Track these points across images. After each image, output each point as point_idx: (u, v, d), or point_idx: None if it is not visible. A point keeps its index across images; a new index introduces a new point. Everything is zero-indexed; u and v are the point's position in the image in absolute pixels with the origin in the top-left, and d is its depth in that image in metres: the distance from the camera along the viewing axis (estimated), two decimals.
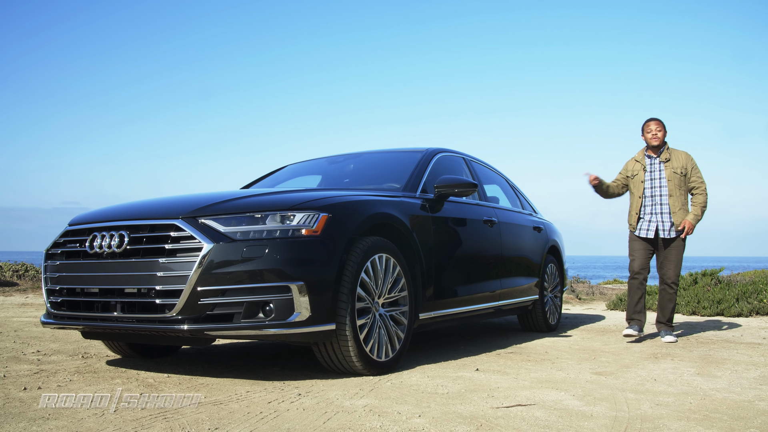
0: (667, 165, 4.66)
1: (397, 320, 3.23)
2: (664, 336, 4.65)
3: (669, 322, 4.73)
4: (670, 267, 4.64)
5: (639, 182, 4.77)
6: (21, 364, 3.29)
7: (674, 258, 4.64)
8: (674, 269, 4.64)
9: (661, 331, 4.74)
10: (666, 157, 4.70)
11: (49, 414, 2.26)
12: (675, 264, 4.64)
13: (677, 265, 4.64)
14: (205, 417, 2.22)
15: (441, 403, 2.45)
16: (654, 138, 4.71)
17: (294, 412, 2.29)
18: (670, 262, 4.64)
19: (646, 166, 4.76)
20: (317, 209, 2.90)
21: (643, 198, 4.73)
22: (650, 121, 4.78)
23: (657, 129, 4.72)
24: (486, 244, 4.33)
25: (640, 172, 4.78)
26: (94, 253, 2.91)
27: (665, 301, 4.70)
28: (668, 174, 4.65)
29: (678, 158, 4.68)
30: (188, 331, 2.65)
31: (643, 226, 4.69)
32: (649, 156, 4.77)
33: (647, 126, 4.79)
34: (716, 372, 3.28)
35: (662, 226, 4.62)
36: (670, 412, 2.38)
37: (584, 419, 2.25)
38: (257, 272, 2.68)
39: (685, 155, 4.69)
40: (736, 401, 2.59)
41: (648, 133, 4.76)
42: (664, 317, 4.73)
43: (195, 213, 2.82)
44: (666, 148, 4.73)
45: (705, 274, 8.22)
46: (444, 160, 4.31)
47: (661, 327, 4.78)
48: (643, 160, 4.80)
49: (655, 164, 4.72)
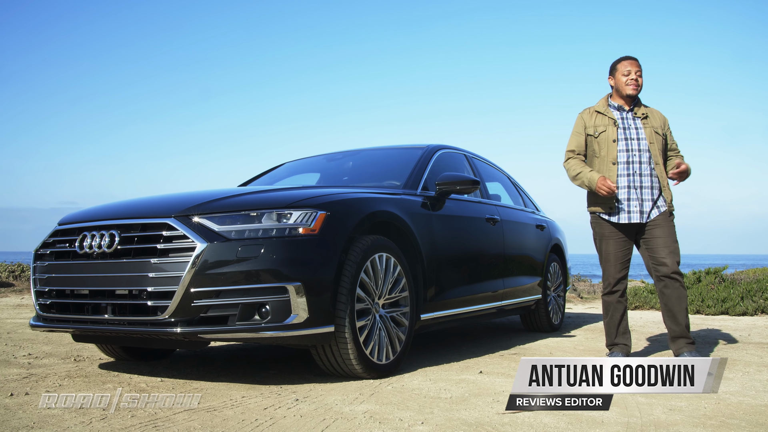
0: (646, 123, 3.37)
1: (397, 321, 3.13)
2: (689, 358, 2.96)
3: (687, 330, 3.28)
4: (665, 253, 3.26)
5: (610, 141, 3.34)
6: (11, 368, 3.18)
7: (667, 240, 3.28)
8: (672, 255, 3.27)
9: (683, 352, 3.24)
10: (644, 112, 3.41)
11: (34, 422, 2.16)
12: (671, 248, 3.28)
13: (675, 249, 3.29)
14: (198, 425, 2.12)
15: (444, 409, 2.35)
16: (633, 84, 3.34)
17: (291, 419, 2.19)
18: (661, 247, 3.28)
19: (617, 120, 3.38)
20: (315, 207, 2.79)
21: (617, 165, 3.32)
22: (625, 59, 3.40)
23: (638, 72, 3.36)
24: (488, 242, 4.23)
25: (609, 127, 3.36)
26: (83, 253, 2.80)
27: (674, 302, 3.27)
28: (648, 134, 3.34)
29: (654, 116, 3.43)
30: (181, 334, 2.55)
31: (623, 206, 3.32)
32: (620, 107, 3.41)
33: (621, 66, 3.39)
34: (728, 374, 3.18)
35: (641, 206, 3.29)
36: (684, 417, 2.28)
37: (595, 426, 2.15)
38: (253, 273, 2.57)
39: (660, 114, 3.47)
40: (752, 405, 2.49)
41: (624, 76, 3.36)
42: (680, 326, 3.26)
43: (188, 211, 2.72)
44: (640, 102, 3.47)
45: (709, 273, 8.13)
46: (445, 157, 4.21)
47: (679, 345, 3.28)
48: (610, 112, 3.41)
49: (629, 119, 3.38)
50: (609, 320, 3.44)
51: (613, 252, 3.38)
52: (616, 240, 3.37)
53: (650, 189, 3.30)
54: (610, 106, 3.44)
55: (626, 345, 3.41)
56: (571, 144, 3.49)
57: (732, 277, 8.56)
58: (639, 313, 7.12)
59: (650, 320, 6.13)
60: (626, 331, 3.43)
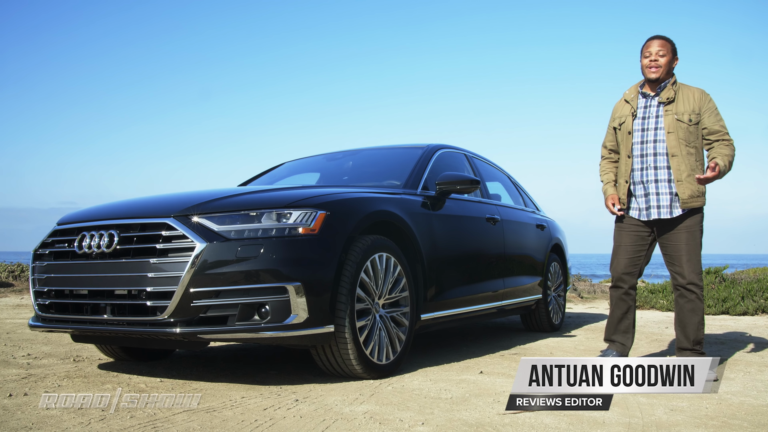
0: (669, 109, 3.11)
1: (398, 321, 3.12)
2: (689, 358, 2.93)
3: (697, 346, 3.11)
4: (683, 262, 3.10)
5: (626, 134, 3.22)
6: (9, 368, 3.17)
7: (686, 247, 3.09)
8: (690, 264, 3.09)
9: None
10: (668, 96, 3.12)
11: (32, 423, 2.15)
12: (690, 256, 3.09)
13: (693, 258, 3.09)
14: (197, 425, 2.11)
15: (445, 410, 2.34)
16: (653, 66, 3.12)
17: (290, 420, 2.18)
18: (680, 254, 3.11)
19: (638, 109, 3.22)
20: (315, 207, 2.78)
21: (632, 158, 3.20)
22: (650, 39, 3.18)
23: (659, 52, 3.11)
24: (489, 242, 4.22)
25: (628, 118, 3.23)
26: (82, 253, 2.79)
27: (686, 314, 3.12)
28: (668, 122, 3.10)
29: (687, 98, 3.12)
30: (180, 335, 2.54)
31: (636, 203, 3.21)
32: (645, 94, 3.22)
33: (645, 47, 3.18)
34: (729, 374, 3.17)
35: (657, 201, 3.13)
36: (686, 418, 2.27)
37: (596, 426, 2.14)
38: (252, 273, 2.56)
39: (699, 93, 3.13)
40: (753, 406, 2.48)
41: (645, 58, 3.16)
42: (688, 339, 3.12)
43: (187, 211, 2.71)
44: (672, 83, 3.15)
45: (709, 272, 8.12)
46: (445, 157, 4.20)
47: (686, 356, 3.13)
48: (635, 101, 3.24)
49: (652, 107, 3.17)
50: (610, 314, 3.34)
51: (623, 244, 3.24)
52: (629, 233, 3.23)
53: (667, 182, 3.09)
54: (639, 93, 3.24)
55: (624, 345, 3.27)
56: (605, 139, 3.41)
57: (732, 276, 8.55)
58: (639, 312, 7.12)
59: (651, 320, 6.13)
60: (628, 330, 3.28)
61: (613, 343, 3.30)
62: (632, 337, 3.31)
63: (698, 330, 3.10)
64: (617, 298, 3.28)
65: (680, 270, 3.12)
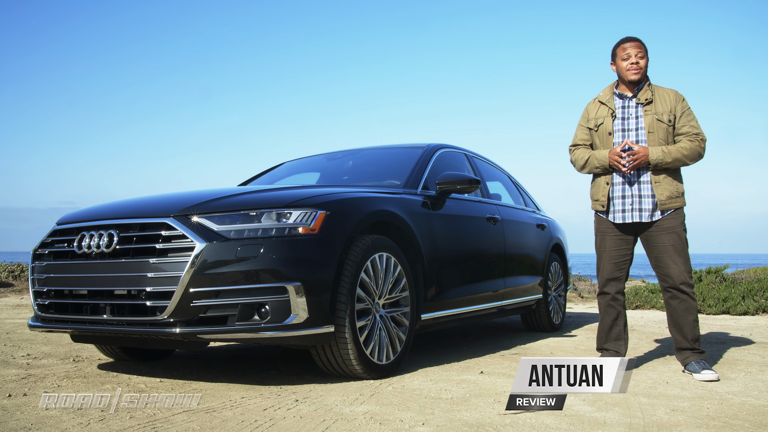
0: (648, 109, 3.12)
1: (398, 321, 3.11)
2: (698, 370, 3.02)
3: (695, 344, 3.11)
4: (672, 263, 3.09)
5: (605, 135, 3.18)
6: (9, 368, 3.17)
7: (673, 248, 3.08)
8: (679, 264, 3.08)
9: (690, 362, 3.09)
10: (647, 97, 3.14)
11: (32, 423, 2.14)
12: (677, 257, 3.08)
13: (681, 259, 3.09)
14: (197, 426, 2.11)
15: (445, 410, 2.33)
16: (634, 68, 3.12)
17: (290, 420, 2.17)
18: (667, 255, 3.09)
19: (617, 110, 3.19)
20: (315, 206, 2.78)
21: None
22: (625, 41, 3.17)
23: (638, 54, 3.12)
24: (489, 242, 4.21)
25: (606, 119, 3.19)
26: (82, 253, 2.79)
27: (680, 315, 3.11)
28: (648, 122, 3.09)
29: (664, 99, 3.14)
30: (180, 335, 2.53)
31: (617, 205, 3.16)
32: (622, 95, 3.20)
33: (620, 50, 3.17)
34: (730, 374, 3.16)
35: (639, 204, 3.10)
36: (687, 418, 2.26)
37: (597, 427, 2.13)
38: (252, 272, 2.56)
39: (674, 94, 3.15)
40: (755, 406, 2.47)
41: (624, 60, 3.14)
42: (686, 339, 3.10)
43: (187, 211, 2.70)
44: (647, 85, 3.18)
45: (710, 272, 8.11)
46: (445, 157, 4.19)
47: (686, 355, 3.13)
48: (612, 102, 3.22)
49: (631, 107, 3.16)
50: (600, 323, 3.31)
51: (608, 250, 3.22)
52: (613, 238, 3.20)
53: (649, 184, 3.08)
54: (614, 94, 3.23)
55: (617, 352, 3.21)
56: (575, 138, 3.35)
57: (733, 276, 8.54)
58: (640, 312, 7.11)
59: (651, 320, 6.12)
60: (619, 337, 3.23)
61: (607, 351, 3.26)
62: (625, 343, 3.28)
63: (694, 328, 3.11)
64: (605, 305, 3.26)
65: (669, 271, 3.11)
